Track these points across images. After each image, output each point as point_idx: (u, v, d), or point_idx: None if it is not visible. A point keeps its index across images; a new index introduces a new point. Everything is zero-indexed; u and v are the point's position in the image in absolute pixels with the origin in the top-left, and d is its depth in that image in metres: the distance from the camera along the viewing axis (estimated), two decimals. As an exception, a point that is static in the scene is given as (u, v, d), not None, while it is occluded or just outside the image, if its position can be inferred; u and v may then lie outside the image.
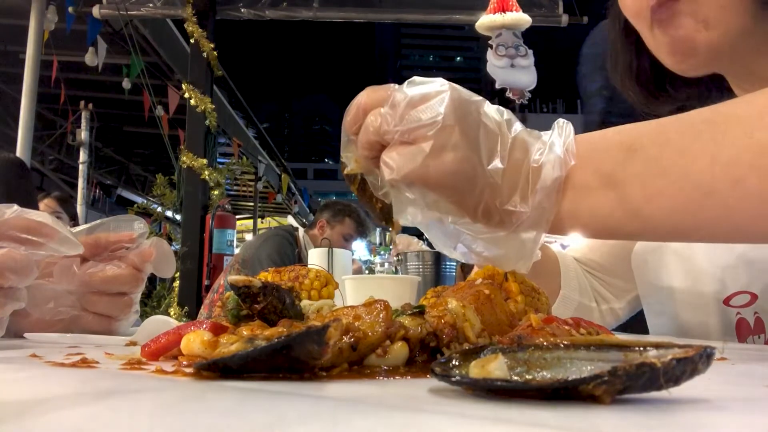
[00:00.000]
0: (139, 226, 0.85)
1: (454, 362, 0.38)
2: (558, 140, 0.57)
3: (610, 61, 0.96)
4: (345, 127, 0.59)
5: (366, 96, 0.57)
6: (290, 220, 5.31)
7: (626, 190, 0.53)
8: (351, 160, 0.61)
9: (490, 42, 1.67)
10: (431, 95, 0.54)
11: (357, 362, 0.46)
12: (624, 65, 0.92)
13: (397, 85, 0.56)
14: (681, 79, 0.87)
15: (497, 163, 0.55)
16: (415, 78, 0.56)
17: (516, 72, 1.72)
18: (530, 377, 0.35)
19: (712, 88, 0.89)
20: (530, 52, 1.75)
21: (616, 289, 1.08)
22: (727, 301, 0.84)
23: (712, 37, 0.71)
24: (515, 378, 0.35)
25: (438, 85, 0.55)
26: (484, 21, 1.68)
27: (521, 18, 1.70)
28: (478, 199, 0.55)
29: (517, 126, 0.57)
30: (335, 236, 3.48)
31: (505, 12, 1.65)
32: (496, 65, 1.69)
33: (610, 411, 0.30)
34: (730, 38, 0.71)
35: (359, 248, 8.65)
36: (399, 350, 0.47)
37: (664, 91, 0.91)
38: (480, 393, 0.34)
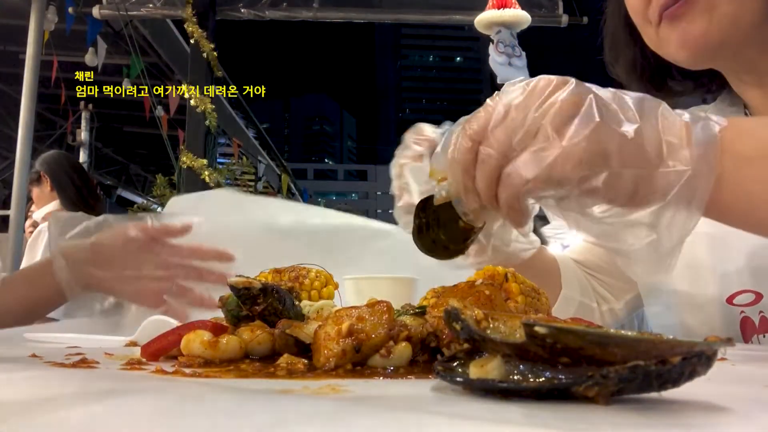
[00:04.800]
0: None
1: (457, 361, 0.38)
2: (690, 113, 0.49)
3: (610, 55, 0.95)
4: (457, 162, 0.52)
5: (471, 127, 0.51)
6: None
7: None
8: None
9: (491, 37, 1.67)
10: (536, 91, 0.49)
11: (360, 363, 0.46)
12: (627, 59, 0.92)
13: (489, 100, 0.51)
14: (681, 73, 0.87)
15: (628, 126, 0.48)
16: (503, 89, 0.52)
17: (513, 71, 1.72)
18: (531, 377, 0.35)
19: (712, 82, 0.90)
20: (524, 54, 1.75)
21: (616, 290, 1.07)
22: (730, 300, 0.83)
23: (727, 32, 0.72)
24: (516, 377, 0.34)
25: (523, 83, 0.51)
26: (484, 17, 1.67)
27: (520, 15, 1.69)
28: (619, 174, 0.47)
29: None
30: None
31: (504, 8, 1.64)
32: (497, 61, 1.69)
33: (609, 411, 0.30)
34: (743, 32, 0.73)
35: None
36: (402, 351, 0.47)
37: (665, 84, 0.91)
38: (480, 393, 0.34)
